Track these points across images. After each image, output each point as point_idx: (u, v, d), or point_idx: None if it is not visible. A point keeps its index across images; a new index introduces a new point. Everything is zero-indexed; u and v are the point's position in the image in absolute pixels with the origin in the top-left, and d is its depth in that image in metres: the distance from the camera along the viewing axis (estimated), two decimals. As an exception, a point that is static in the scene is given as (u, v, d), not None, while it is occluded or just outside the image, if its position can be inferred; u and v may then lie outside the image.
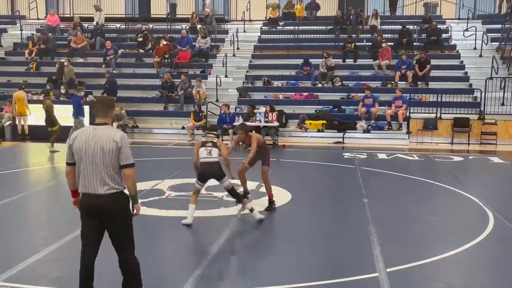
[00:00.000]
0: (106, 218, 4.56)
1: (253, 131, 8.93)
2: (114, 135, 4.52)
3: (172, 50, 20.71)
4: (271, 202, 8.28)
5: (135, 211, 4.76)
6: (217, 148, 7.41)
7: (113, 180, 4.50)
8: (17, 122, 17.12)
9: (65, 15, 25.15)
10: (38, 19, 25.65)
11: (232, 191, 7.53)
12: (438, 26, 21.50)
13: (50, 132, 14.60)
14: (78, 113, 15.79)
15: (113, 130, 4.63)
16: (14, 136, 16.92)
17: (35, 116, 17.37)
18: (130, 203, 4.69)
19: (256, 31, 23.36)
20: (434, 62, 19.39)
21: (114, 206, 4.54)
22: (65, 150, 5.00)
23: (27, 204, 9.16)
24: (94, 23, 23.18)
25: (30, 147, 15.93)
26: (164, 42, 20.71)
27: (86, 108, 16.13)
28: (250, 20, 24.18)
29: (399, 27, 21.52)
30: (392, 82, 19.14)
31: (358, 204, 8.73)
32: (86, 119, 17.06)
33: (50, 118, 14.75)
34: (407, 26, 21.34)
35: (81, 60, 21.30)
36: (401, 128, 17.26)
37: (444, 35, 21.65)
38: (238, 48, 21.83)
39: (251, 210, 7.49)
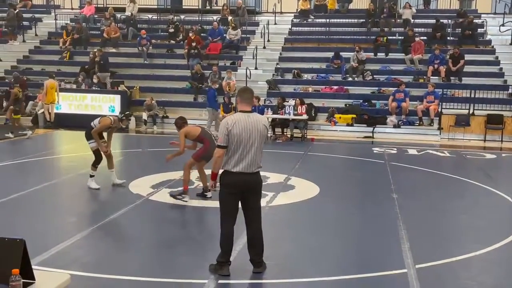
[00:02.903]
0: (251, 192, 5.28)
1: (186, 124, 8.42)
2: (264, 121, 5.40)
3: (201, 44, 20.71)
4: (183, 192, 8.12)
5: None
6: None
7: (260, 160, 5.27)
8: (42, 110, 17.37)
9: (99, 5, 25.45)
10: (72, 9, 26.04)
11: None
12: (473, 21, 21.04)
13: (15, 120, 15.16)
14: (213, 105, 16.10)
15: (261, 116, 5.57)
16: (47, 123, 17.21)
17: (68, 105, 17.71)
18: None
19: (287, 24, 23.25)
20: (468, 57, 19.01)
21: (259, 181, 5.34)
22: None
23: (59, 191, 9.35)
24: (128, 13, 23.39)
25: (63, 134, 16.22)
26: (190, 34, 20.74)
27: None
28: (281, 12, 24.08)
29: (433, 21, 21.14)
30: (424, 77, 18.86)
31: (387, 200, 8.65)
32: (117, 108, 17.35)
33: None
34: (441, 20, 20.96)
35: (113, 50, 21.55)
36: (432, 124, 17.01)
37: (479, 30, 21.19)
38: (268, 40, 21.77)
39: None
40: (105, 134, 9.00)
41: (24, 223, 7.05)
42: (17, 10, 24.01)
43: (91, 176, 8.86)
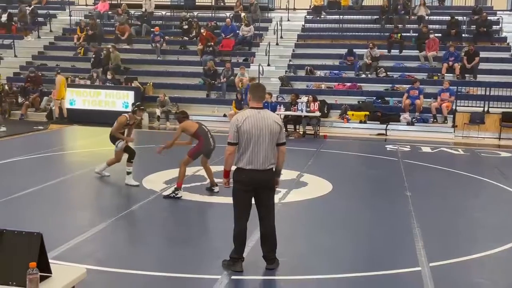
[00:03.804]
0: (264, 188, 5.25)
1: (187, 118, 8.58)
2: (276, 118, 5.32)
3: (214, 40, 20.71)
4: (175, 189, 8.17)
5: (277, 184, 5.48)
6: None
7: (274, 156, 5.23)
8: (53, 106, 17.54)
9: (113, 2, 25.54)
10: (86, 5, 26.17)
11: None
12: (489, 18, 20.81)
13: None
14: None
15: (272, 113, 5.42)
16: (62, 119, 17.33)
17: (82, 100, 17.81)
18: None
19: (300, 20, 23.19)
20: (483, 54, 18.84)
21: (272, 178, 5.30)
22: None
23: (73, 186, 9.42)
24: (143, 9, 23.48)
25: (77, 130, 16.33)
26: (202, 30, 20.75)
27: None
28: (294, 9, 24.01)
29: (448, 17, 20.97)
30: (439, 74, 18.72)
31: (400, 197, 8.62)
32: (130, 104, 17.42)
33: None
34: (456, 17, 20.79)
35: (127, 46, 21.63)
36: (446, 121, 16.88)
37: (494, 27, 20.97)
38: (281, 37, 21.72)
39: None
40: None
41: (40, 217, 7.12)
42: (32, 6, 24.21)
43: (128, 173, 8.92)
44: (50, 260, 3.18)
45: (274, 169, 5.33)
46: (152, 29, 21.74)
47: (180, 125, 8.50)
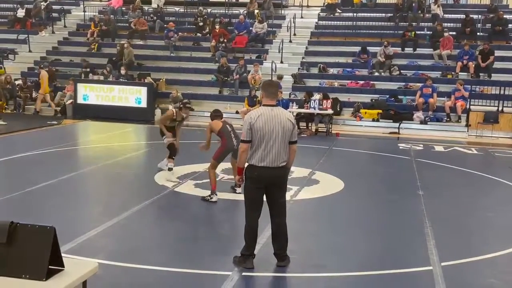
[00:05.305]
0: (276, 186, 5.27)
1: (218, 118, 8.24)
2: (289, 115, 5.31)
3: (227, 36, 20.73)
4: (211, 192, 7.88)
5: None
6: None
7: (286, 154, 5.21)
8: (71, 100, 17.70)
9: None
10: (100, 1, 26.30)
11: None
12: (504, 16, 20.60)
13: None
14: None
15: (285, 111, 5.43)
16: (75, 114, 17.48)
17: (95, 96, 17.92)
18: None
19: (314, 17, 23.12)
20: (498, 53, 18.66)
21: (285, 176, 5.32)
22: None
23: (86, 180, 9.49)
24: (155, 5, 23.55)
25: (91, 125, 16.43)
26: (217, 27, 20.78)
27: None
28: (307, 6, 23.94)
29: (463, 16, 20.80)
30: (453, 72, 18.57)
31: (412, 196, 8.57)
32: (143, 100, 17.54)
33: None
34: (471, 15, 20.60)
35: (140, 42, 21.73)
36: (459, 121, 16.75)
37: (510, 26, 20.74)
38: (294, 34, 21.67)
39: None
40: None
41: (53, 211, 7.19)
42: (48, 2, 24.38)
43: (170, 169, 8.96)
44: (62, 254, 3.21)
45: (286, 166, 5.30)
46: (165, 25, 21.79)
47: (208, 126, 8.23)
